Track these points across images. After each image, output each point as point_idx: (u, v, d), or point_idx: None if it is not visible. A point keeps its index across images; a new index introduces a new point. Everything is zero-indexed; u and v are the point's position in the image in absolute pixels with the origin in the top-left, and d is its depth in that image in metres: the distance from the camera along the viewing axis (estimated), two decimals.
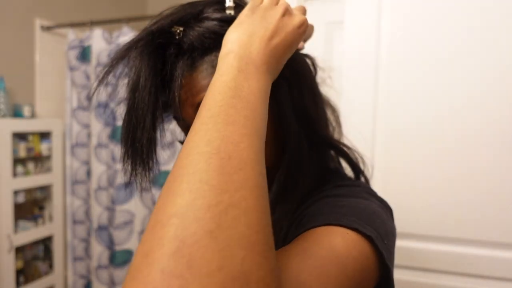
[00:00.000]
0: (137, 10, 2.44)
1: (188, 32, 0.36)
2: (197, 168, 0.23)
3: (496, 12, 0.88)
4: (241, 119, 0.27)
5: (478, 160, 0.91)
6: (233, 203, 0.22)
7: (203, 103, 0.29)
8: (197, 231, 0.20)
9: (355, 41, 1.00)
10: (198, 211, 0.21)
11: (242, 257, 0.20)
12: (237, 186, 0.23)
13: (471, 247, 0.94)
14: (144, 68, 0.35)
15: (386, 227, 0.36)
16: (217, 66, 0.32)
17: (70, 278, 1.85)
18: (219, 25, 0.37)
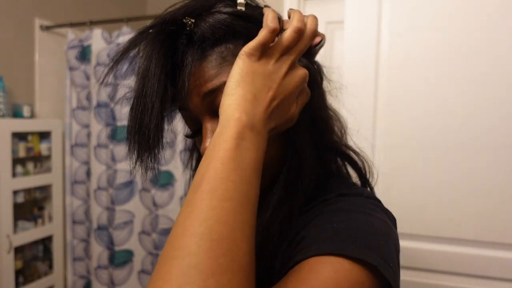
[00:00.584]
0: (137, 10, 2.44)
1: (200, 23, 0.37)
2: (187, 251, 0.25)
3: (496, 11, 0.88)
4: (238, 195, 0.28)
5: (477, 161, 0.91)
6: (219, 287, 0.24)
7: (202, 168, 0.30)
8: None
9: (355, 41, 1.00)
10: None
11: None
12: (223, 270, 0.25)
13: (471, 248, 0.93)
14: (155, 55, 0.36)
15: (390, 247, 0.35)
16: (219, 126, 0.33)
17: (69, 278, 1.84)
18: (230, 18, 0.37)
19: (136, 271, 1.68)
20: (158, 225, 1.60)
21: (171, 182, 1.58)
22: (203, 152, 0.39)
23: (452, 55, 0.92)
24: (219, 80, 0.37)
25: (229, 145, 0.30)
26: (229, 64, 0.37)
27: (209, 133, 0.38)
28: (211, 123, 0.39)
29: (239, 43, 0.38)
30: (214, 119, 0.39)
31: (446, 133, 0.93)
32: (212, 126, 0.39)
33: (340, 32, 1.33)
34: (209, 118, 0.39)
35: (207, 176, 0.29)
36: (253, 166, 0.31)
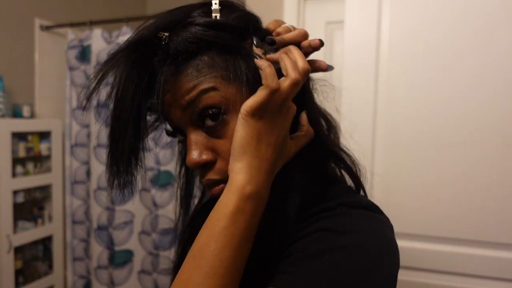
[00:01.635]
0: (136, 9, 2.44)
1: (173, 38, 0.37)
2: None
3: (496, 11, 0.88)
4: (223, 271, 0.33)
5: (478, 161, 0.91)
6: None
7: (199, 241, 0.35)
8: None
9: (355, 41, 1.00)
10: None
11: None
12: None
13: (471, 248, 0.93)
14: (125, 79, 0.36)
15: (382, 280, 0.36)
16: (225, 191, 0.36)
17: (69, 279, 1.84)
18: (203, 30, 0.37)
19: (136, 271, 1.68)
20: (158, 225, 1.60)
21: (171, 182, 1.58)
22: (189, 164, 0.40)
23: (452, 55, 0.92)
24: (196, 90, 0.38)
25: (226, 223, 0.34)
26: (205, 75, 0.38)
27: (194, 144, 0.39)
28: (195, 134, 0.40)
29: (213, 53, 0.38)
30: (197, 129, 0.40)
31: (446, 132, 0.93)
32: (195, 137, 0.40)
33: (340, 32, 1.33)
34: (193, 129, 0.40)
35: (201, 251, 0.34)
36: (246, 237, 0.35)
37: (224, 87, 0.38)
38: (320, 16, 1.36)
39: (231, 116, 0.38)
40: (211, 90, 0.37)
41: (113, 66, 0.37)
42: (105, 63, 0.38)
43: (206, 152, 0.39)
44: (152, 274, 1.64)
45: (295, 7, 1.33)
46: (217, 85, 0.37)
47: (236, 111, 0.38)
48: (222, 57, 0.38)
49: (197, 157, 0.39)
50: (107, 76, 0.38)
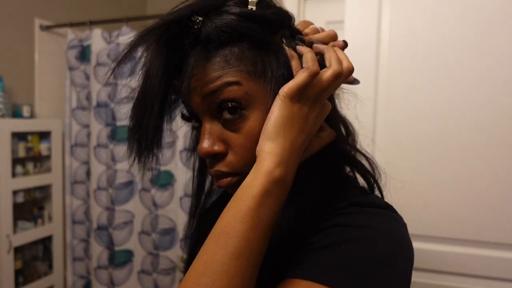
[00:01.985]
0: (136, 9, 2.43)
1: (206, 23, 0.37)
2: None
3: (497, 11, 0.88)
4: (247, 253, 0.32)
5: (478, 161, 0.91)
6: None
7: (224, 220, 0.33)
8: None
9: (355, 41, 1.00)
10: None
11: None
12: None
13: (471, 248, 0.93)
14: (156, 57, 0.36)
15: (390, 274, 0.35)
16: (252, 171, 0.35)
17: (69, 279, 1.84)
18: (237, 20, 0.37)
19: (136, 271, 1.68)
20: (158, 225, 1.60)
21: (171, 182, 1.58)
22: (200, 152, 0.40)
23: (452, 55, 0.92)
24: (220, 81, 0.37)
25: (253, 204, 0.33)
26: (232, 67, 0.37)
27: (208, 134, 0.39)
28: (210, 124, 0.39)
29: (244, 46, 0.38)
30: (213, 120, 0.39)
31: (446, 132, 0.93)
32: (211, 127, 0.39)
33: (340, 32, 1.33)
34: (209, 118, 0.39)
35: (225, 231, 0.33)
36: (270, 223, 0.34)
37: (248, 83, 0.37)
38: (320, 16, 1.36)
39: (249, 111, 0.38)
40: (235, 84, 0.37)
41: (145, 42, 0.37)
42: (139, 38, 0.37)
43: (218, 143, 0.39)
44: (152, 274, 1.64)
45: (295, 7, 1.33)
46: (241, 79, 0.37)
47: (255, 107, 0.38)
48: (252, 52, 0.38)
49: (209, 147, 0.39)
50: (136, 49, 0.38)
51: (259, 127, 0.37)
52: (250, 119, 0.38)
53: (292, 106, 0.36)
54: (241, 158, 0.39)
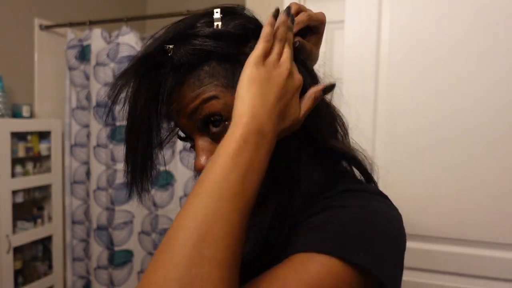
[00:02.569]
0: (136, 9, 2.43)
1: (177, 50, 0.40)
2: (178, 243, 0.29)
3: (497, 11, 0.88)
4: (229, 196, 0.31)
5: (478, 161, 0.91)
6: (199, 277, 0.28)
7: (206, 168, 0.34)
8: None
9: (355, 41, 0.99)
10: (169, 282, 0.27)
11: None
12: (205, 262, 0.28)
13: (471, 248, 0.93)
14: (134, 93, 0.40)
15: (390, 246, 0.37)
16: (230, 126, 0.35)
17: (69, 279, 1.84)
18: (202, 41, 0.40)
19: (135, 271, 1.68)
20: (158, 225, 1.60)
21: (170, 182, 1.58)
22: (196, 169, 0.42)
23: (452, 55, 0.92)
24: (199, 99, 0.40)
25: (231, 149, 0.33)
26: (206, 84, 0.40)
27: (201, 150, 0.42)
28: (202, 140, 0.42)
29: (213, 63, 0.40)
30: (203, 136, 0.42)
31: (446, 132, 0.93)
32: (202, 143, 0.42)
33: (340, 31, 1.33)
34: (199, 135, 0.42)
35: (207, 177, 0.33)
36: (253, 167, 0.34)
37: (225, 95, 0.40)
38: None
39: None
40: (212, 98, 0.39)
41: (125, 83, 0.40)
42: (117, 80, 0.41)
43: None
44: None
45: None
46: (217, 93, 0.40)
47: None
48: (222, 66, 0.40)
49: (204, 162, 0.41)
50: (120, 93, 0.41)
51: None
52: None
53: (258, 70, 0.38)
54: None
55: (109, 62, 1.62)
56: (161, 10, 2.18)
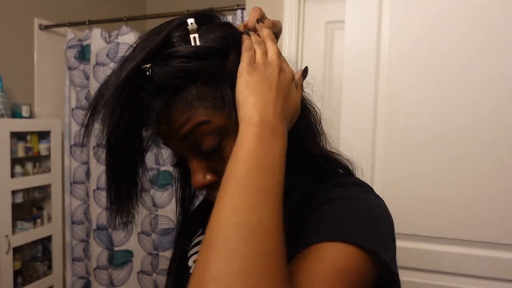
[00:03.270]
0: (136, 9, 2.43)
1: (156, 71, 0.37)
2: (226, 238, 0.29)
3: (498, 11, 0.88)
4: (263, 188, 0.32)
5: (478, 161, 0.91)
6: (256, 267, 0.28)
7: (229, 169, 0.34)
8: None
9: (355, 41, 0.99)
10: (234, 275, 0.27)
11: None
12: (258, 252, 0.29)
13: (471, 248, 0.93)
14: (112, 124, 0.37)
15: (387, 233, 0.39)
16: (239, 133, 0.36)
17: (68, 279, 1.84)
18: (185, 61, 0.37)
19: (135, 271, 1.68)
20: (157, 225, 1.59)
21: (170, 182, 1.58)
22: (195, 187, 0.42)
23: (452, 55, 0.92)
24: (190, 124, 0.38)
25: (247, 147, 0.34)
26: (196, 107, 0.38)
27: (197, 169, 0.41)
28: (196, 160, 0.41)
29: (200, 84, 0.38)
30: (198, 155, 0.41)
31: (447, 132, 0.93)
32: (198, 162, 0.41)
33: (340, 31, 1.33)
34: (194, 155, 0.41)
35: (233, 175, 0.33)
36: (274, 160, 0.34)
37: (216, 117, 0.39)
38: (320, 16, 1.36)
39: (227, 141, 0.40)
40: (205, 123, 0.39)
41: (104, 112, 0.38)
42: (93, 110, 0.39)
43: (209, 174, 0.42)
44: (152, 275, 1.64)
45: (295, 7, 1.33)
46: (209, 117, 0.39)
47: (229, 134, 0.39)
48: (209, 87, 0.39)
49: (202, 180, 0.41)
50: (96, 118, 0.39)
51: None
52: (229, 145, 0.39)
53: (250, 76, 0.38)
54: None
55: (108, 62, 1.62)
56: (161, 10, 2.18)
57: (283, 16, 1.34)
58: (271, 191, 0.32)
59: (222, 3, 1.43)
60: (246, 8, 1.37)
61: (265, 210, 0.31)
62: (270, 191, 0.32)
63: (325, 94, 1.36)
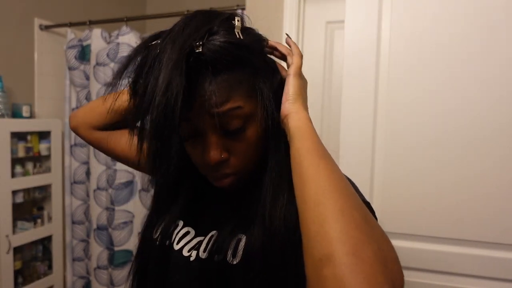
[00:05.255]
0: (136, 9, 2.43)
1: (208, 47, 0.41)
2: (335, 216, 0.34)
3: (498, 12, 0.88)
4: (334, 167, 0.39)
5: (478, 161, 0.91)
6: (374, 234, 0.34)
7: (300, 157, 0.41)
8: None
9: (355, 41, 0.99)
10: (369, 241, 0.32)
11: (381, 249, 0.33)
12: (361, 221, 0.34)
13: (471, 248, 0.93)
14: (167, 84, 0.38)
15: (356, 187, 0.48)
16: (296, 125, 0.44)
17: (69, 279, 1.84)
18: (233, 47, 0.42)
19: None
20: None
21: None
22: (210, 161, 0.44)
23: (452, 56, 0.92)
24: (227, 106, 0.42)
25: (315, 139, 0.42)
26: (235, 91, 0.43)
27: (215, 145, 0.45)
28: (215, 136, 0.45)
29: (243, 71, 0.44)
30: (218, 134, 0.45)
31: (447, 131, 0.93)
32: (216, 139, 0.45)
33: (340, 31, 1.33)
34: (213, 132, 0.44)
35: (304, 163, 0.39)
36: (325, 150, 0.42)
37: (249, 105, 0.44)
38: (320, 16, 1.36)
39: (248, 125, 0.45)
40: (238, 108, 0.43)
41: (153, 69, 0.40)
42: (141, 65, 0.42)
43: (223, 151, 0.46)
44: None
45: (295, 7, 1.33)
46: (243, 104, 0.44)
47: (253, 121, 0.45)
48: (248, 76, 0.44)
49: (218, 156, 0.45)
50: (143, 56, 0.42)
51: (255, 136, 0.46)
52: (249, 130, 0.45)
53: (299, 80, 0.48)
54: (242, 161, 0.47)
55: (109, 62, 1.62)
56: (161, 10, 2.18)
57: (283, 16, 1.34)
58: (338, 170, 0.39)
59: (222, 3, 1.43)
60: (246, 8, 1.37)
61: (336, 167, 0.39)
62: (337, 170, 0.39)
63: (325, 94, 1.36)
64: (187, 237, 0.52)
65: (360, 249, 0.30)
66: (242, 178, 0.48)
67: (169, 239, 0.53)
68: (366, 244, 0.31)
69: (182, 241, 0.52)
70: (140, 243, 0.58)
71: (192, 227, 0.53)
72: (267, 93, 0.46)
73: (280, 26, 1.32)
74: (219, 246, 0.47)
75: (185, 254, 0.50)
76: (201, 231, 0.51)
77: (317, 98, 1.36)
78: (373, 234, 0.33)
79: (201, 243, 0.49)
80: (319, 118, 1.36)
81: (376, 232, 0.34)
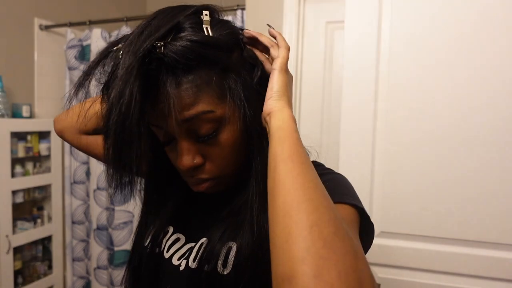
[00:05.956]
0: (136, 9, 2.43)
1: (170, 48, 0.38)
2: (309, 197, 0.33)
3: (498, 12, 0.88)
4: (308, 168, 0.37)
5: (478, 161, 0.91)
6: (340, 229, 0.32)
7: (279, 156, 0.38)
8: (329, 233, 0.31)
9: (355, 41, 0.99)
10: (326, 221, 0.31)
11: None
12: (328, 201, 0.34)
13: (471, 248, 0.93)
14: (131, 81, 0.36)
15: (354, 190, 0.49)
16: (278, 119, 0.41)
17: (69, 279, 1.84)
18: (200, 46, 0.39)
19: None
20: None
21: None
22: (182, 167, 0.43)
23: (452, 55, 0.92)
24: (195, 110, 0.40)
25: (295, 141, 0.39)
26: (203, 93, 0.40)
27: (187, 150, 0.43)
28: (187, 142, 0.42)
29: (210, 71, 0.40)
30: (189, 139, 0.42)
31: (447, 133, 0.93)
32: (188, 144, 0.43)
33: (340, 31, 1.33)
34: (186, 137, 0.42)
35: (280, 168, 0.36)
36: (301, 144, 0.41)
37: (220, 107, 0.41)
38: (320, 16, 1.36)
39: (222, 129, 0.42)
40: (209, 112, 0.40)
41: (113, 76, 0.38)
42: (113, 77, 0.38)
43: (197, 156, 0.43)
44: None
45: (295, 7, 1.33)
46: (213, 107, 0.40)
47: (227, 123, 0.42)
48: (218, 76, 0.41)
49: (190, 162, 0.43)
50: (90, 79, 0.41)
51: (231, 139, 0.43)
52: (223, 134, 0.43)
53: (284, 76, 0.44)
54: (219, 165, 0.45)
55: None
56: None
57: (283, 16, 1.34)
58: (311, 170, 0.37)
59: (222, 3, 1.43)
60: (246, 8, 1.37)
61: (315, 174, 0.36)
62: (311, 170, 0.37)
63: (325, 94, 1.36)
64: (177, 244, 0.50)
65: (325, 271, 0.28)
66: (224, 182, 0.47)
67: (159, 246, 0.51)
68: (332, 265, 0.28)
69: (172, 249, 0.50)
70: (132, 251, 0.56)
71: (182, 233, 0.51)
72: (239, 93, 0.42)
73: (280, 26, 1.32)
74: (209, 255, 0.45)
75: (175, 263, 0.49)
76: (191, 238, 0.50)
77: (317, 98, 1.36)
78: (344, 251, 0.29)
79: (192, 251, 0.48)
80: (319, 118, 1.36)
81: (347, 249, 0.30)
